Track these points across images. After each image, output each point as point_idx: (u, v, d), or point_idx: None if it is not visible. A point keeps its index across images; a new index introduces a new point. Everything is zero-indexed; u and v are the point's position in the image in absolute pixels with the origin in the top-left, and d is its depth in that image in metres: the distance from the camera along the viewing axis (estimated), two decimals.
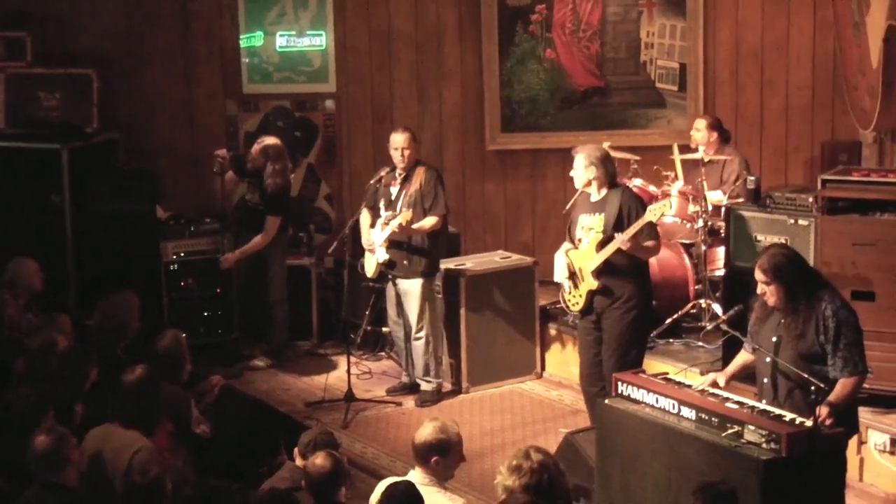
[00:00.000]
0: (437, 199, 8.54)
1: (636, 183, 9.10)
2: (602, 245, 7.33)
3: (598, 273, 7.37)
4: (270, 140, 9.44)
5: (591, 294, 7.44)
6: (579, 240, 7.51)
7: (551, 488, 5.12)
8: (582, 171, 7.46)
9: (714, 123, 9.41)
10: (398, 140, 8.54)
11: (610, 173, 7.49)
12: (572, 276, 7.52)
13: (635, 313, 7.38)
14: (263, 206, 9.37)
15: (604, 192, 7.44)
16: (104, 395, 6.48)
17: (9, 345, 7.38)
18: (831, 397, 5.78)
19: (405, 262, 8.57)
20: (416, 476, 5.54)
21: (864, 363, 5.88)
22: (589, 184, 7.46)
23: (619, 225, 7.31)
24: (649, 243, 7.36)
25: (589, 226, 7.45)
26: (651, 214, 7.20)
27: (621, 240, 7.20)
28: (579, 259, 7.48)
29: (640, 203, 7.45)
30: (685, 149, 9.50)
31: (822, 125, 10.46)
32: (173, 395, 6.64)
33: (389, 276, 8.68)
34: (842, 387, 5.82)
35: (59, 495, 5.33)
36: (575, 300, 7.57)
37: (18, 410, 5.90)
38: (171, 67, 10.52)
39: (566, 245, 7.64)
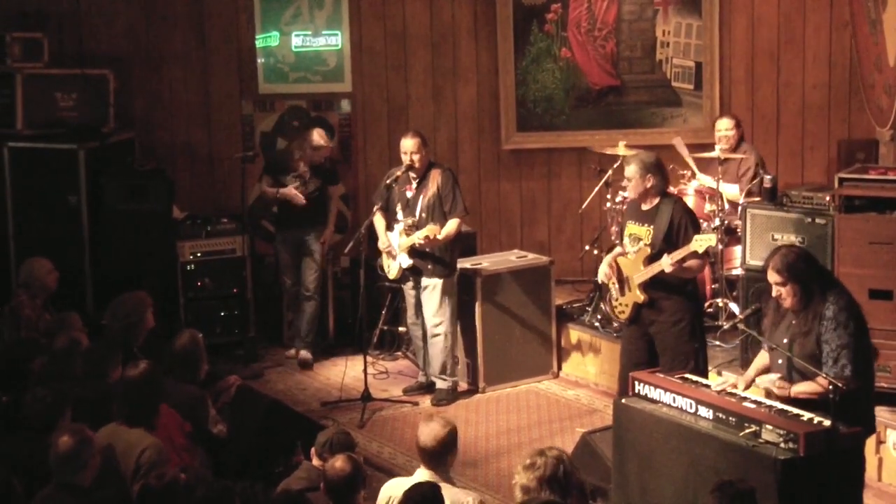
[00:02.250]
0: (455, 202, 8.53)
1: None
2: (649, 261, 7.22)
3: (645, 287, 7.28)
4: (317, 134, 9.55)
5: (637, 306, 7.36)
6: (623, 245, 7.43)
7: (567, 481, 5.12)
8: (639, 180, 7.25)
9: (739, 121, 9.41)
10: (407, 145, 8.53)
11: (664, 181, 7.37)
12: (620, 282, 7.44)
13: (684, 325, 7.23)
14: (325, 181, 9.48)
15: (655, 201, 7.29)
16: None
17: (27, 345, 7.39)
18: (798, 386, 5.76)
19: (429, 266, 8.57)
20: (425, 475, 5.52)
21: (852, 371, 5.72)
22: (645, 193, 7.32)
23: (668, 239, 7.17)
24: (691, 263, 7.17)
25: (637, 235, 7.33)
26: (697, 245, 7.05)
27: (666, 263, 7.07)
28: (627, 268, 7.39)
29: (691, 219, 7.30)
30: (700, 149, 9.49)
31: (838, 123, 10.42)
32: (190, 394, 6.64)
33: (410, 278, 8.67)
34: (815, 384, 5.75)
35: (75, 496, 5.34)
36: (621, 308, 7.49)
37: (34, 411, 5.92)
38: (187, 67, 10.53)
39: (617, 249, 7.56)
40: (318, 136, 9.51)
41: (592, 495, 6.48)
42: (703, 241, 7.06)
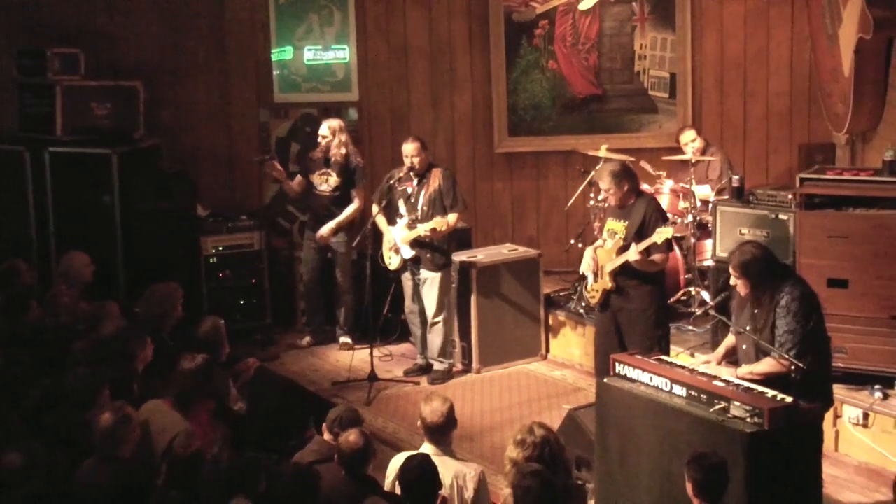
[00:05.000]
0: (456, 198, 8.53)
1: None
2: (621, 251, 7.24)
3: (615, 275, 7.29)
4: (334, 121, 9.36)
5: (606, 292, 7.37)
6: (604, 240, 7.44)
7: (552, 460, 5.13)
8: (616, 188, 7.25)
9: (699, 130, 9.46)
10: (408, 149, 8.53)
11: (636, 181, 7.40)
12: (596, 271, 7.46)
13: (650, 314, 7.26)
14: (345, 181, 9.25)
15: (631, 200, 7.31)
16: (153, 376, 6.48)
17: (66, 330, 7.39)
18: (751, 367, 5.84)
19: (428, 256, 8.57)
20: (430, 449, 5.53)
21: (796, 355, 5.74)
22: (625, 197, 7.29)
23: (639, 233, 7.19)
24: (656, 257, 7.20)
25: (614, 230, 7.35)
26: (657, 236, 7.08)
27: (632, 252, 7.09)
28: (602, 258, 7.42)
29: (661, 215, 7.32)
30: (674, 152, 9.52)
31: (799, 129, 10.42)
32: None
33: (410, 269, 8.66)
34: (764, 364, 5.81)
35: (113, 466, 5.34)
36: (591, 294, 7.52)
37: (75, 389, 5.92)
38: (210, 79, 10.52)
39: (598, 242, 7.57)
40: (323, 127, 9.36)
41: (577, 465, 6.49)
42: (661, 233, 7.11)
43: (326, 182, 9.31)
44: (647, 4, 10.40)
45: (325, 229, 9.29)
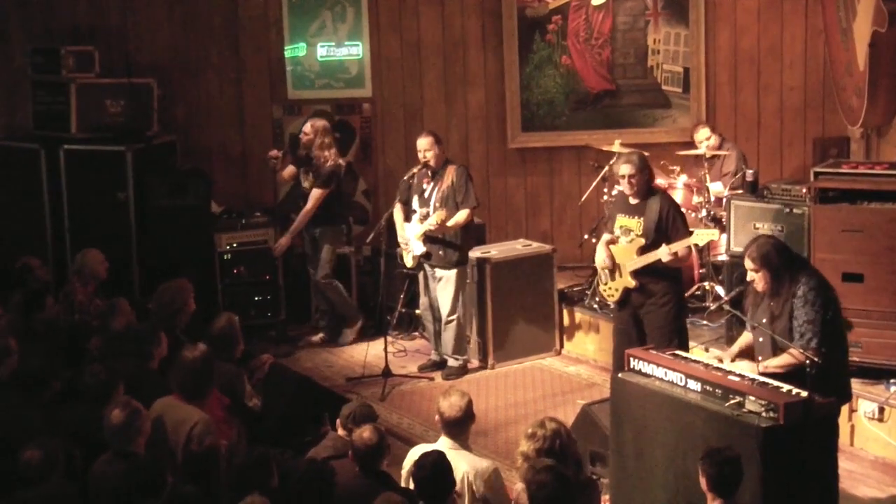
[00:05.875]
0: (467, 194, 8.50)
1: None
2: (643, 250, 7.14)
3: (636, 273, 7.25)
4: (320, 122, 9.38)
5: (627, 290, 7.31)
6: (617, 237, 7.35)
7: (562, 453, 5.13)
8: (639, 175, 7.13)
9: (713, 126, 9.42)
10: (421, 143, 8.52)
11: (652, 175, 7.34)
12: (611, 268, 7.39)
13: (670, 307, 7.20)
14: (316, 181, 9.24)
15: (644, 194, 7.20)
16: (167, 372, 6.49)
17: (80, 327, 7.41)
18: (771, 361, 5.81)
19: (441, 252, 8.55)
20: (447, 443, 5.52)
21: (817, 344, 5.76)
22: (643, 186, 7.20)
23: (658, 230, 7.10)
24: (683, 253, 7.14)
25: (627, 227, 7.26)
26: (697, 238, 7.01)
27: (664, 253, 7.02)
28: (619, 255, 7.32)
29: (678, 211, 7.24)
30: (688, 147, 9.50)
31: (813, 122, 10.37)
32: (227, 371, 6.64)
33: (426, 266, 8.65)
34: (784, 357, 5.79)
35: (128, 461, 5.35)
36: (611, 292, 7.43)
37: (91, 386, 5.93)
38: (224, 76, 10.53)
39: (606, 236, 7.47)
40: (306, 125, 9.33)
41: (592, 461, 6.48)
42: (704, 236, 7.03)
43: (307, 180, 9.33)
44: None
45: (282, 240, 9.36)
